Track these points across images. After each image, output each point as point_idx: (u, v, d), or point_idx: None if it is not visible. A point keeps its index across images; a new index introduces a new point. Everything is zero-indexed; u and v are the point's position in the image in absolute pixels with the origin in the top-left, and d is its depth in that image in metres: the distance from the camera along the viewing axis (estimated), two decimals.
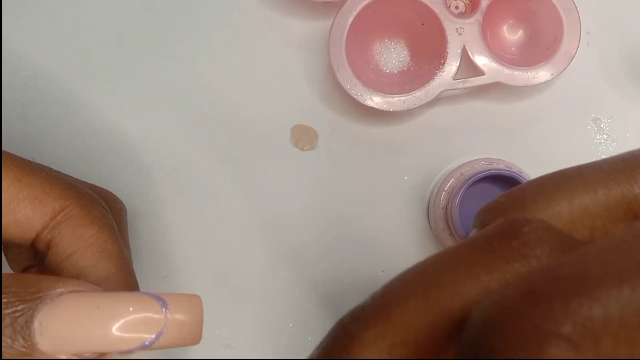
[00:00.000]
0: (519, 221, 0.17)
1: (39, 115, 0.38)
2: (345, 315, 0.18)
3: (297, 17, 0.39)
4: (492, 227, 0.18)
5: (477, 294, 0.17)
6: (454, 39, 0.36)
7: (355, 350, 0.17)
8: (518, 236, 0.17)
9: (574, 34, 0.36)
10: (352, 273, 0.38)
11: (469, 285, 0.17)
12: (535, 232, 0.17)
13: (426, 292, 0.17)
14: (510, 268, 0.16)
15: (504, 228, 0.17)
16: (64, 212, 0.25)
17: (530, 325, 0.14)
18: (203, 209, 0.38)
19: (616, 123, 0.39)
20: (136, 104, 0.38)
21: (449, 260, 0.17)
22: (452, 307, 0.17)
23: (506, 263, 0.17)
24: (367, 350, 0.17)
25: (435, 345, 0.17)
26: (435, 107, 0.39)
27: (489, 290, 0.17)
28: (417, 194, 0.38)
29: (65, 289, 0.21)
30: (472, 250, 0.17)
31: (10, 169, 0.24)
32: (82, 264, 0.24)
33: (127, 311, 0.21)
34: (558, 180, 0.20)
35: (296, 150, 0.38)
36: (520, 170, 0.36)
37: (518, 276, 0.16)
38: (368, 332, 0.17)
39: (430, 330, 0.17)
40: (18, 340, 0.20)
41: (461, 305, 0.17)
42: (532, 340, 0.14)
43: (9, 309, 0.20)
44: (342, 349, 0.17)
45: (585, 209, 0.19)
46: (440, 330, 0.17)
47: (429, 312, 0.17)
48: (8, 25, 0.39)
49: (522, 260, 0.16)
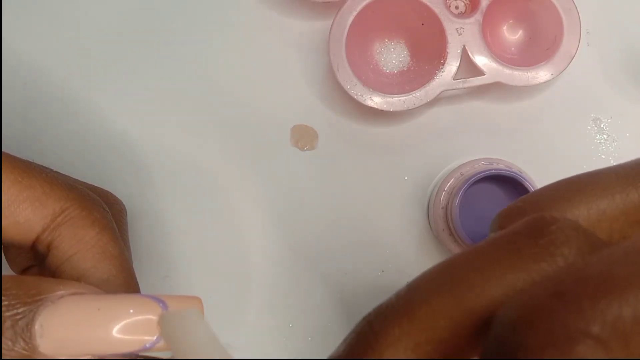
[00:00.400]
0: (545, 219, 0.17)
1: (39, 115, 0.38)
2: (370, 312, 0.18)
3: (297, 17, 0.39)
4: (518, 226, 0.18)
5: (503, 293, 0.17)
6: (454, 39, 0.36)
7: (381, 348, 0.17)
8: (545, 234, 0.17)
9: (574, 34, 0.36)
10: (352, 273, 0.38)
11: (495, 284, 0.17)
12: (563, 230, 0.17)
13: (452, 290, 0.17)
14: (537, 267, 0.17)
15: (530, 226, 0.17)
16: (64, 213, 0.25)
17: (560, 324, 0.15)
18: (203, 209, 0.38)
19: (616, 123, 0.39)
20: (136, 104, 0.38)
21: (474, 259, 0.17)
22: (478, 306, 0.17)
23: (533, 262, 0.17)
24: (392, 348, 0.17)
25: (460, 344, 0.17)
26: (435, 107, 0.39)
27: (515, 290, 0.17)
28: (417, 194, 0.38)
29: (66, 291, 0.21)
30: (498, 249, 0.17)
31: (10, 171, 0.24)
32: (82, 266, 0.24)
33: (127, 313, 0.21)
34: (575, 185, 0.20)
35: (296, 150, 0.38)
36: (520, 170, 0.36)
37: (545, 275, 0.16)
38: (393, 330, 0.17)
39: (456, 329, 0.17)
40: (19, 342, 0.20)
41: (487, 304, 0.17)
42: (561, 339, 0.14)
43: (10, 312, 0.20)
44: (367, 345, 0.18)
45: (603, 213, 0.19)
46: (465, 329, 0.17)
47: (454, 310, 0.17)
48: (8, 25, 0.39)
49: (549, 259, 0.17)
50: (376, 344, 0.17)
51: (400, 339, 0.17)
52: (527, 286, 0.17)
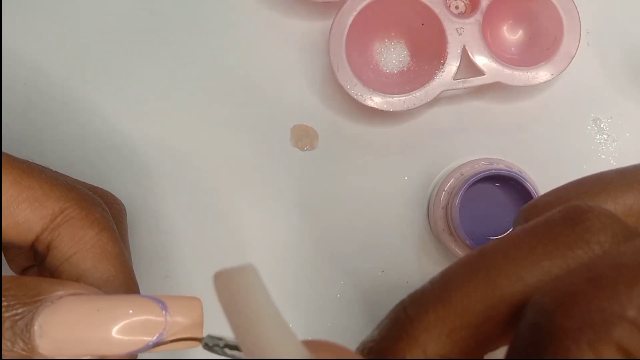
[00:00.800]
0: (581, 208, 0.18)
1: (39, 115, 0.38)
2: (404, 298, 0.18)
3: (297, 17, 0.39)
4: (553, 214, 0.18)
5: (539, 279, 0.17)
6: (454, 39, 0.36)
7: (415, 333, 0.17)
8: (581, 222, 0.17)
9: (574, 34, 0.36)
10: (352, 273, 0.38)
11: (530, 270, 0.17)
12: (599, 218, 0.17)
13: (487, 277, 0.17)
14: (573, 254, 0.17)
15: (566, 214, 0.18)
16: (63, 214, 0.25)
17: (596, 308, 0.15)
18: (203, 209, 0.38)
19: (616, 123, 0.39)
20: (136, 103, 0.38)
21: (509, 246, 0.18)
22: (513, 292, 0.17)
23: (568, 249, 0.17)
24: (427, 333, 0.17)
25: (494, 330, 0.17)
26: (435, 107, 0.39)
27: (551, 276, 0.17)
28: (417, 194, 0.38)
29: (65, 291, 0.21)
30: (533, 236, 0.17)
31: (10, 171, 0.24)
32: (82, 266, 0.24)
33: (127, 314, 0.21)
34: (600, 181, 0.20)
35: (296, 150, 0.38)
36: (520, 170, 0.36)
37: (580, 262, 0.17)
38: (428, 316, 0.17)
39: (490, 314, 0.17)
40: (18, 343, 0.20)
41: (522, 290, 0.17)
42: (598, 323, 0.15)
43: (9, 312, 0.20)
44: (401, 331, 0.18)
45: (629, 208, 0.19)
46: (500, 316, 0.17)
47: (489, 296, 0.17)
48: (8, 25, 0.39)
49: (585, 246, 0.17)
50: (411, 329, 0.18)
51: (435, 325, 0.17)
52: (562, 273, 0.17)
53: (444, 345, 0.17)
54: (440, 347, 0.17)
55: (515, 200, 0.36)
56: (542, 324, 0.16)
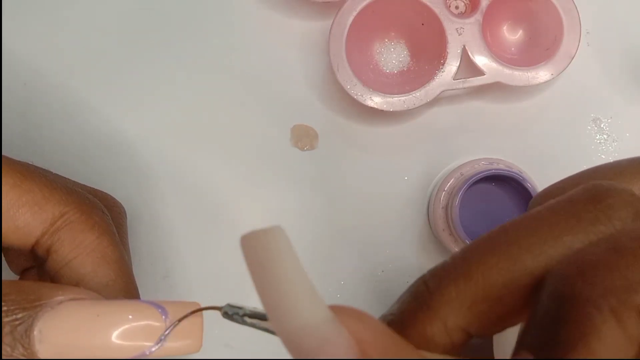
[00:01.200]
0: (603, 186, 0.18)
1: (39, 115, 0.38)
2: (424, 273, 0.19)
3: (297, 17, 0.39)
4: (575, 192, 0.18)
5: (561, 253, 0.17)
6: (454, 39, 0.36)
7: (436, 305, 0.18)
8: (603, 200, 0.17)
9: (574, 34, 0.36)
10: (352, 273, 0.38)
11: (552, 245, 0.17)
12: (620, 195, 0.17)
13: (508, 250, 0.17)
14: (595, 229, 0.17)
15: (589, 192, 0.18)
16: (63, 218, 0.24)
17: (618, 276, 0.15)
18: (203, 209, 0.38)
19: (616, 123, 0.39)
20: (136, 104, 0.38)
21: (530, 222, 0.18)
22: (535, 265, 0.17)
23: (591, 224, 0.17)
24: (447, 306, 0.18)
25: (516, 304, 0.17)
26: (435, 107, 0.39)
27: (572, 250, 0.17)
28: (417, 194, 0.38)
29: (65, 296, 0.21)
30: (555, 213, 0.18)
31: (10, 175, 0.24)
32: (82, 271, 0.24)
33: (127, 319, 0.21)
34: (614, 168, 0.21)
35: (296, 150, 0.38)
36: (520, 170, 0.36)
37: (602, 237, 0.17)
38: (449, 289, 0.18)
39: (512, 287, 0.17)
40: (18, 348, 0.20)
41: (544, 263, 0.17)
42: (620, 289, 0.15)
43: (9, 317, 0.20)
44: (422, 303, 0.18)
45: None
46: (521, 289, 0.17)
47: (511, 270, 0.17)
48: (8, 26, 0.39)
49: (607, 222, 0.17)
50: (432, 302, 0.18)
51: (456, 297, 0.17)
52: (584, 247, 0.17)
53: (465, 317, 0.18)
54: (460, 320, 0.18)
55: (515, 201, 0.36)
56: (563, 291, 0.16)
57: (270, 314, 0.17)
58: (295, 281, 0.17)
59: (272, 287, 0.17)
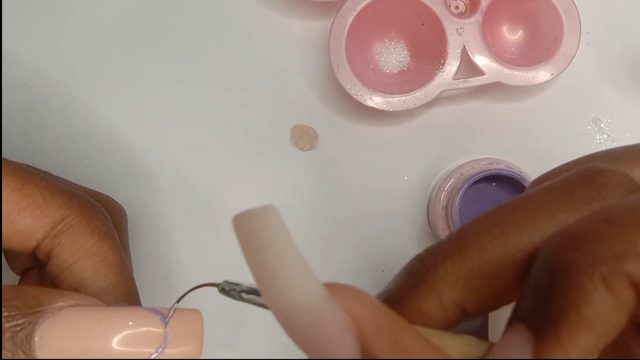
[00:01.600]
0: (598, 167, 0.18)
1: (39, 115, 0.38)
2: (420, 252, 0.19)
3: (297, 17, 0.39)
4: (570, 174, 0.18)
5: (554, 230, 0.17)
6: (454, 39, 0.36)
7: (431, 280, 0.18)
8: (596, 180, 0.18)
9: (574, 34, 0.36)
10: (353, 273, 0.38)
11: (547, 222, 0.17)
12: (614, 176, 0.18)
13: (504, 228, 0.18)
14: (588, 207, 0.17)
15: (583, 173, 0.18)
16: (64, 221, 0.24)
17: (608, 245, 0.16)
18: (203, 209, 0.38)
19: (616, 123, 0.39)
20: (135, 104, 0.38)
21: (526, 201, 0.18)
22: (529, 241, 0.17)
23: (584, 203, 0.17)
24: (443, 281, 0.18)
25: (510, 279, 0.18)
26: (435, 107, 0.39)
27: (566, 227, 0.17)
28: (417, 194, 0.38)
29: (65, 302, 0.21)
30: (550, 193, 0.18)
31: (11, 178, 0.24)
32: (82, 275, 0.24)
33: (127, 325, 0.21)
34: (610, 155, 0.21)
35: (296, 150, 0.38)
36: (520, 170, 0.36)
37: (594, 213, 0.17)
38: (445, 264, 0.18)
39: (507, 264, 0.17)
40: (18, 354, 0.20)
41: (538, 240, 0.17)
42: (610, 257, 0.15)
43: (10, 323, 0.20)
44: (418, 279, 0.18)
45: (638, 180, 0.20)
46: (515, 264, 0.17)
47: (506, 246, 0.17)
48: (8, 25, 0.39)
49: (601, 201, 0.17)
50: (427, 277, 0.18)
51: (452, 273, 0.18)
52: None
53: (460, 293, 0.18)
54: (456, 295, 0.18)
55: None
56: (554, 261, 0.16)
57: (264, 292, 0.17)
58: (288, 258, 0.17)
59: (266, 265, 0.17)
